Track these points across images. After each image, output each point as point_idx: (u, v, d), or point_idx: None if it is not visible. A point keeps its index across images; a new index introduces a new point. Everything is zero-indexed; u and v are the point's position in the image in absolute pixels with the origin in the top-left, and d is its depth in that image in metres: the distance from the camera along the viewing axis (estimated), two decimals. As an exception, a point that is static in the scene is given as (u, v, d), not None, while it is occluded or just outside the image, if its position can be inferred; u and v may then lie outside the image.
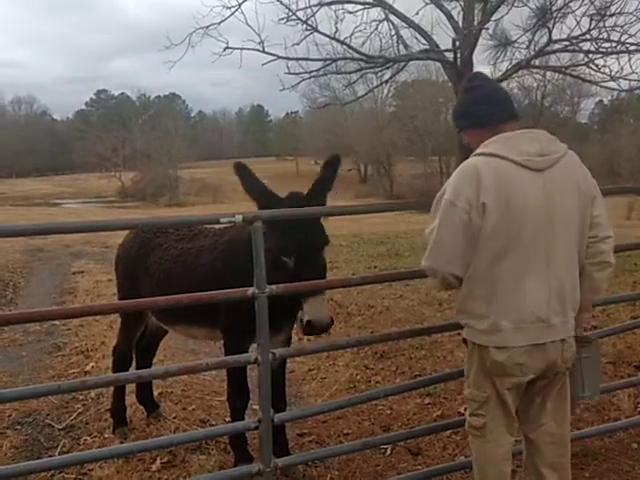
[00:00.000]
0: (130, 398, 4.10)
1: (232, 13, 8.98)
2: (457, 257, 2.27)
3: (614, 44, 7.89)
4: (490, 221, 2.20)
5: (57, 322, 6.30)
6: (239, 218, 2.54)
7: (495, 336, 2.28)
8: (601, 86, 9.24)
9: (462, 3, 8.69)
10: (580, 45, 8.24)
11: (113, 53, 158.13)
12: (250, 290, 2.56)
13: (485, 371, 2.35)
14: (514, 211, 2.20)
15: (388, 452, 3.58)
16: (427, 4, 8.99)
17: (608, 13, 7.63)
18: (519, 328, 2.26)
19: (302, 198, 2.96)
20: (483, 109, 2.37)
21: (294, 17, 8.78)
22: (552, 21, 7.66)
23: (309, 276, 2.75)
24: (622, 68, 8.07)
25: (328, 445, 3.68)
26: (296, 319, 2.79)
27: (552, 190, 2.25)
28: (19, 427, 4.05)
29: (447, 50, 8.95)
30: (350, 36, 8.98)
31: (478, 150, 2.33)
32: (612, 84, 8.72)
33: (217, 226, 3.43)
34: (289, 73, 9.11)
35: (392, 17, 9.18)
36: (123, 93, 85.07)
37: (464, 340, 2.46)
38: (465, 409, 3.97)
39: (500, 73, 9.02)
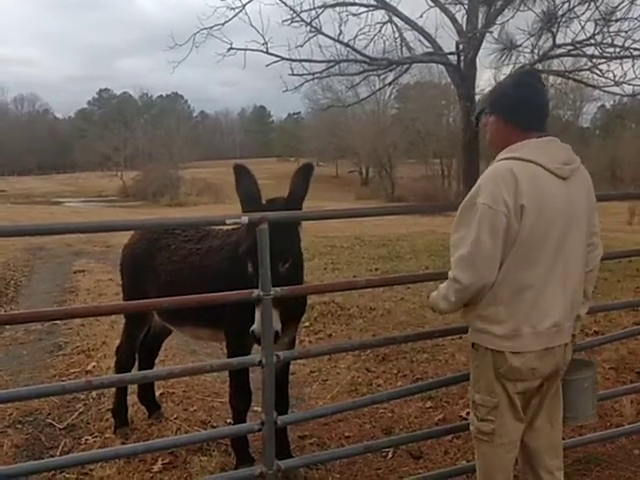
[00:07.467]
0: (131, 398, 4.10)
1: (236, 14, 9.03)
2: (496, 263, 2.23)
3: (618, 49, 7.91)
4: (527, 225, 2.21)
5: (58, 321, 6.29)
6: (245, 220, 2.54)
7: (514, 342, 2.28)
8: (604, 91, 9.26)
9: (466, 6, 8.71)
10: (584, 50, 8.27)
11: (120, 52, 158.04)
12: (255, 292, 2.56)
13: (497, 376, 2.35)
14: (545, 218, 2.22)
15: (389, 455, 3.57)
16: (431, 7, 9.03)
17: (613, 18, 7.65)
18: (537, 333, 2.27)
19: (282, 204, 2.93)
20: (527, 109, 2.33)
21: (298, 19, 8.82)
22: (557, 26, 7.67)
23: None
24: (625, 73, 8.12)
25: (329, 448, 3.67)
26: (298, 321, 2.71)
27: (572, 199, 2.29)
28: (20, 426, 4.04)
29: (451, 53, 8.97)
30: (354, 38, 9.03)
31: (508, 154, 2.30)
32: (615, 89, 8.74)
33: (225, 227, 3.42)
34: (293, 74, 9.14)
35: (396, 19, 9.22)
36: (125, 92, 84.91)
37: (473, 345, 2.45)
38: (467, 413, 3.97)
39: (503, 77, 9.04)
